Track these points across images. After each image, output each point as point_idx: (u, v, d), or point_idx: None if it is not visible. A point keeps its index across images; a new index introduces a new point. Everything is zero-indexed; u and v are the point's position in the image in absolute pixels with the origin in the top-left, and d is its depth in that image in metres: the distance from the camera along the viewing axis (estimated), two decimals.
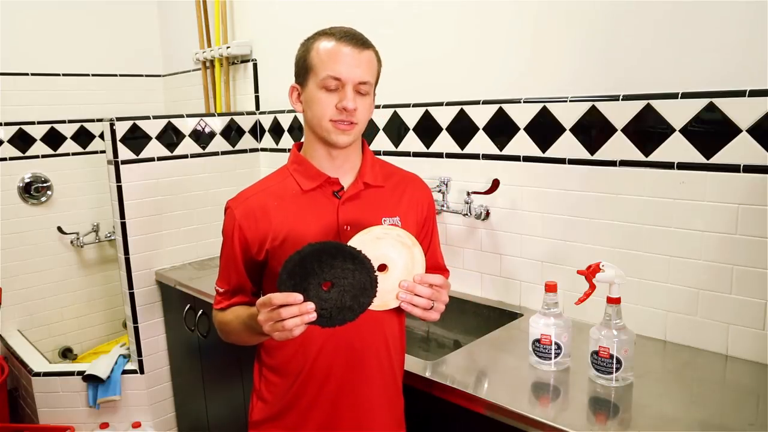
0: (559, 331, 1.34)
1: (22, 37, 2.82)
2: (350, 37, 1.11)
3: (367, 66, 1.12)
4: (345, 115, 1.11)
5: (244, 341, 1.23)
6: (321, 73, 1.11)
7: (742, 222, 1.33)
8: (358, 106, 1.11)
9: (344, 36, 1.11)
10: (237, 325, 1.19)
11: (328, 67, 1.10)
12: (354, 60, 1.10)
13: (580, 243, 1.62)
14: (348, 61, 1.10)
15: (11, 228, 2.84)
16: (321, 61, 1.11)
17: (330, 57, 1.10)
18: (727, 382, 1.31)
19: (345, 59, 1.10)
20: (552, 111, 1.64)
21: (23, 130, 2.84)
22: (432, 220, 1.32)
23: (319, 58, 1.11)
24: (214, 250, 2.51)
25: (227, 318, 1.22)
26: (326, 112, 1.11)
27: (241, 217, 1.17)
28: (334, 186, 1.19)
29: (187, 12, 2.95)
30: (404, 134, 2.05)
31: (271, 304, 0.97)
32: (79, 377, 2.37)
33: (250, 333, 1.15)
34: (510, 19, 1.71)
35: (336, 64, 1.10)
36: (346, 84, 1.10)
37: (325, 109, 1.11)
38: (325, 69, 1.10)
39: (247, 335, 1.18)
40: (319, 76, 1.11)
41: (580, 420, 1.16)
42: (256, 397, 1.28)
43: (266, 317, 0.98)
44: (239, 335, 1.21)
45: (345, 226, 1.16)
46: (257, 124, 2.66)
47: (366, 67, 1.12)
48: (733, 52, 1.32)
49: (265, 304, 0.98)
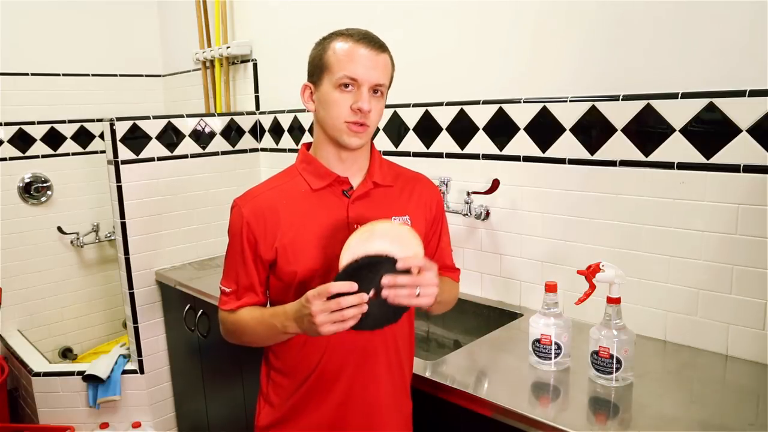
0: (559, 331, 1.34)
1: (22, 37, 2.82)
2: (368, 40, 1.12)
3: (383, 69, 1.12)
4: (359, 116, 1.10)
5: (260, 342, 1.21)
6: (337, 72, 1.10)
7: (742, 222, 1.33)
8: (372, 108, 1.11)
9: (362, 38, 1.11)
10: (255, 325, 1.17)
11: (345, 67, 1.10)
12: (371, 62, 1.10)
13: (580, 243, 1.62)
14: (365, 63, 1.10)
15: (11, 228, 2.84)
16: (338, 61, 1.10)
17: (347, 57, 1.10)
18: (727, 382, 1.31)
19: (362, 60, 1.10)
20: (552, 111, 1.64)
21: (23, 130, 2.85)
22: (441, 219, 1.32)
23: (336, 57, 1.11)
24: (214, 250, 2.52)
25: (242, 319, 1.20)
26: (341, 112, 1.11)
27: (248, 214, 1.16)
28: (344, 185, 1.18)
29: (187, 12, 2.95)
30: (404, 134, 2.05)
31: (328, 293, 0.97)
32: (79, 377, 2.37)
33: (272, 333, 1.14)
34: (510, 19, 1.71)
35: (353, 64, 1.10)
36: (362, 85, 1.10)
37: (341, 110, 1.11)
38: (341, 69, 1.10)
39: (267, 335, 1.16)
40: (335, 75, 1.10)
41: (580, 420, 1.16)
42: (264, 401, 1.27)
43: (322, 307, 0.97)
44: (257, 336, 1.19)
45: (355, 225, 1.16)
46: (257, 124, 2.66)
47: (382, 69, 1.12)
48: (733, 52, 1.32)
49: (320, 294, 0.98)
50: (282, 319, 1.09)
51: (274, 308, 1.15)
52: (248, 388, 2.04)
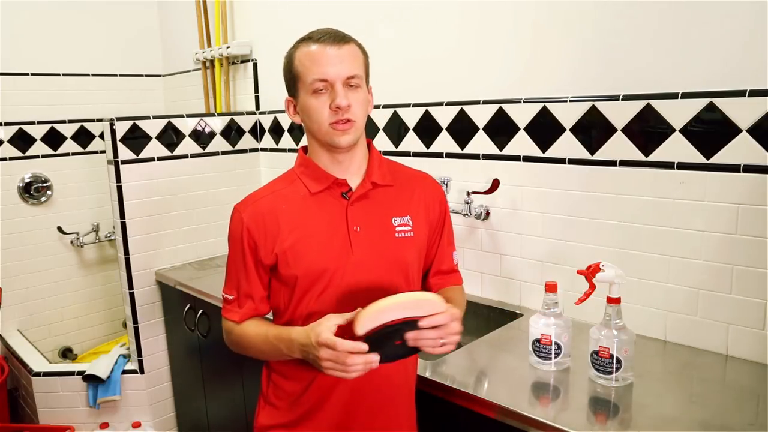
0: (559, 331, 1.34)
1: (22, 37, 2.82)
2: (328, 36, 1.10)
3: (351, 60, 1.11)
4: (340, 114, 1.09)
5: (264, 358, 1.22)
6: (308, 78, 1.10)
7: (742, 222, 1.33)
8: (351, 102, 1.10)
9: (322, 36, 1.10)
10: (260, 343, 1.17)
11: (312, 71, 1.09)
12: (336, 57, 1.09)
13: (580, 243, 1.62)
14: (330, 60, 1.09)
15: (11, 228, 2.84)
16: (305, 67, 1.10)
17: (312, 60, 1.09)
18: (727, 382, 1.31)
19: (327, 59, 1.09)
20: (552, 111, 1.64)
21: (23, 130, 2.84)
22: (444, 219, 1.30)
23: (302, 64, 1.11)
24: (214, 250, 2.52)
25: (247, 334, 1.19)
26: (322, 116, 1.10)
27: (248, 220, 1.15)
28: (342, 187, 1.18)
29: (187, 12, 2.95)
30: (404, 134, 2.05)
31: (339, 349, 0.98)
32: (79, 377, 2.37)
33: (277, 354, 1.15)
34: (510, 18, 1.71)
35: (319, 66, 1.09)
36: (334, 83, 1.09)
37: (321, 114, 1.10)
38: (310, 74, 1.09)
39: (271, 354, 1.17)
40: (306, 82, 1.10)
41: (580, 420, 1.16)
42: (263, 401, 1.27)
43: (330, 356, 0.99)
44: (261, 353, 1.19)
45: (354, 227, 1.15)
46: (257, 124, 2.66)
47: (350, 60, 1.10)
48: (733, 52, 1.32)
49: (328, 346, 0.99)
50: (287, 345, 1.09)
51: (279, 330, 1.14)
52: (248, 388, 2.04)
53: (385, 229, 1.18)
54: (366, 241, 1.16)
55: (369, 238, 1.16)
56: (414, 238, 1.20)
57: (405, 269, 1.19)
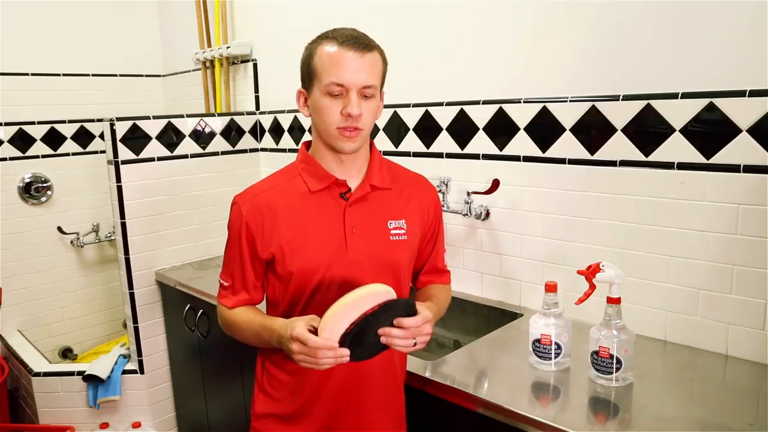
0: (559, 331, 1.34)
1: (22, 37, 2.82)
2: (353, 41, 1.10)
3: (370, 69, 1.11)
4: (350, 121, 1.10)
5: (249, 343, 1.25)
6: (325, 79, 1.10)
7: (742, 222, 1.33)
8: (362, 111, 1.10)
9: (347, 40, 1.10)
10: (246, 330, 1.21)
11: (331, 74, 1.09)
12: (357, 64, 1.09)
13: (580, 243, 1.62)
14: (351, 67, 1.08)
15: (11, 228, 2.84)
16: (324, 68, 1.10)
17: (333, 63, 1.09)
18: (727, 382, 1.31)
19: (348, 64, 1.08)
20: (552, 111, 1.64)
21: (23, 130, 2.84)
22: (437, 223, 1.32)
23: (322, 64, 1.10)
24: (214, 250, 2.52)
25: (237, 320, 1.23)
26: (332, 118, 1.11)
27: (248, 213, 1.17)
28: (342, 188, 1.19)
29: (187, 12, 2.95)
30: (404, 134, 2.05)
31: (309, 343, 1.00)
32: (79, 377, 2.37)
33: (261, 342, 1.19)
34: (510, 18, 1.71)
35: (339, 70, 1.08)
36: (350, 90, 1.09)
37: (331, 116, 1.11)
38: (328, 75, 1.09)
39: (256, 342, 1.21)
40: (323, 82, 1.10)
41: (580, 420, 1.16)
42: (258, 389, 1.29)
43: (301, 350, 1.02)
44: (247, 339, 1.23)
45: (351, 229, 1.16)
46: (257, 124, 2.66)
47: (370, 70, 1.10)
48: (733, 52, 1.32)
49: (300, 341, 1.02)
50: (269, 334, 1.13)
51: (263, 320, 1.18)
52: (248, 388, 2.04)
53: (380, 231, 1.20)
54: (361, 241, 1.17)
55: (364, 239, 1.18)
56: (407, 241, 1.22)
57: (396, 271, 1.21)
